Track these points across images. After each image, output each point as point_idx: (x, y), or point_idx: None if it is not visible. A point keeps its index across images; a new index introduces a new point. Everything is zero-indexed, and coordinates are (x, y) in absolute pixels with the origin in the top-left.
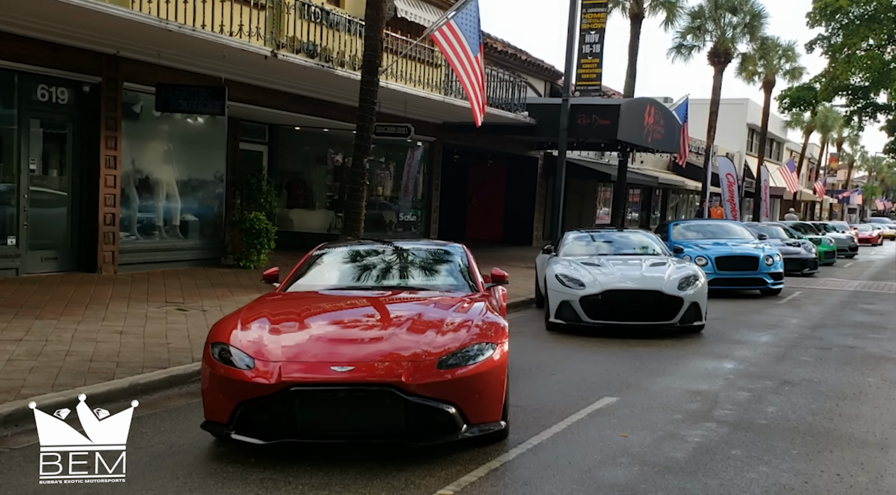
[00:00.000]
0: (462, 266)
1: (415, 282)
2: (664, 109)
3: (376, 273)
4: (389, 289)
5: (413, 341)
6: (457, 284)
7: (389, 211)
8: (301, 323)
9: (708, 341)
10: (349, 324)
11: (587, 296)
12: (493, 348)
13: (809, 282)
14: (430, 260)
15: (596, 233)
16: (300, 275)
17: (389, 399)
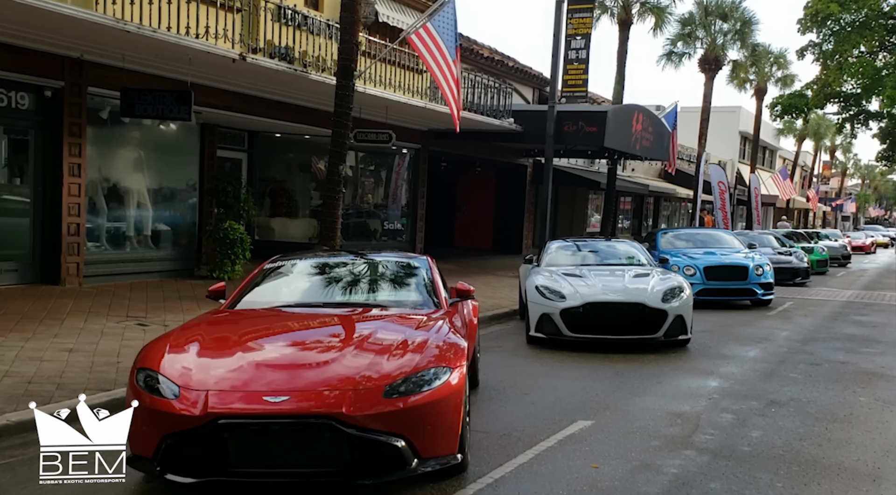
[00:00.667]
0: (426, 280)
1: (371, 298)
2: (652, 116)
3: (330, 288)
4: (342, 306)
5: (359, 366)
6: (418, 300)
7: (375, 219)
8: (237, 346)
9: (693, 356)
10: (290, 348)
11: (568, 309)
12: (450, 372)
13: (801, 291)
14: (391, 273)
15: (579, 243)
16: (248, 290)
17: (329, 433)
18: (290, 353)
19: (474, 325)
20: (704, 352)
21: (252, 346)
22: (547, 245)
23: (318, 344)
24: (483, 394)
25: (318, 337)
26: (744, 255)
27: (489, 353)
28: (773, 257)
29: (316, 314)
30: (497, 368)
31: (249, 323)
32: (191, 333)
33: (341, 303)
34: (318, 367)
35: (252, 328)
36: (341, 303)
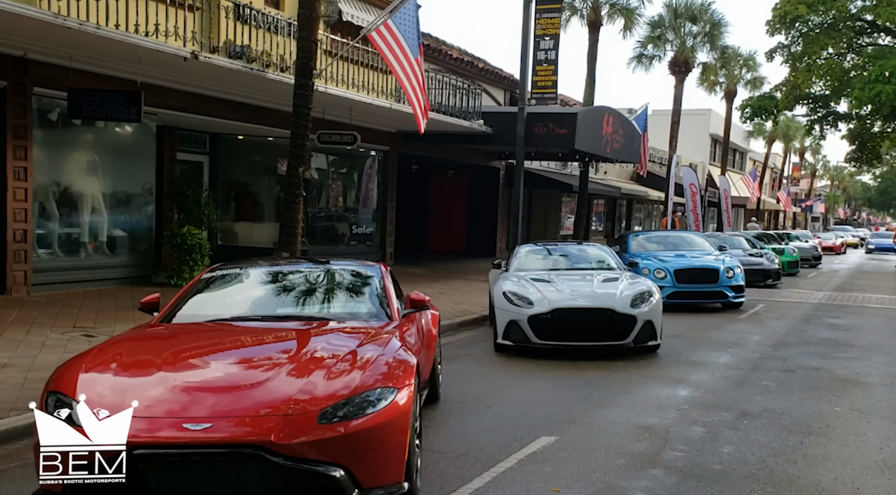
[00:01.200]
0: (378, 290)
1: (316, 310)
2: (623, 118)
3: (271, 300)
4: (283, 319)
5: (294, 388)
6: (368, 312)
7: (344, 223)
8: (160, 366)
9: (663, 363)
10: (219, 368)
11: (536, 316)
12: (395, 393)
13: (772, 293)
14: (340, 283)
15: (549, 247)
16: (182, 303)
17: (257, 463)
18: (218, 374)
19: (434, 336)
20: (675, 358)
21: (176, 366)
22: (516, 249)
23: (250, 363)
24: (444, 409)
25: (250, 355)
26: (714, 258)
27: (455, 362)
28: (743, 259)
29: (253, 328)
30: (461, 379)
31: (178, 339)
32: (110, 352)
33: (282, 316)
34: (248, 390)
35: (180, 345)
36: (282, 317)
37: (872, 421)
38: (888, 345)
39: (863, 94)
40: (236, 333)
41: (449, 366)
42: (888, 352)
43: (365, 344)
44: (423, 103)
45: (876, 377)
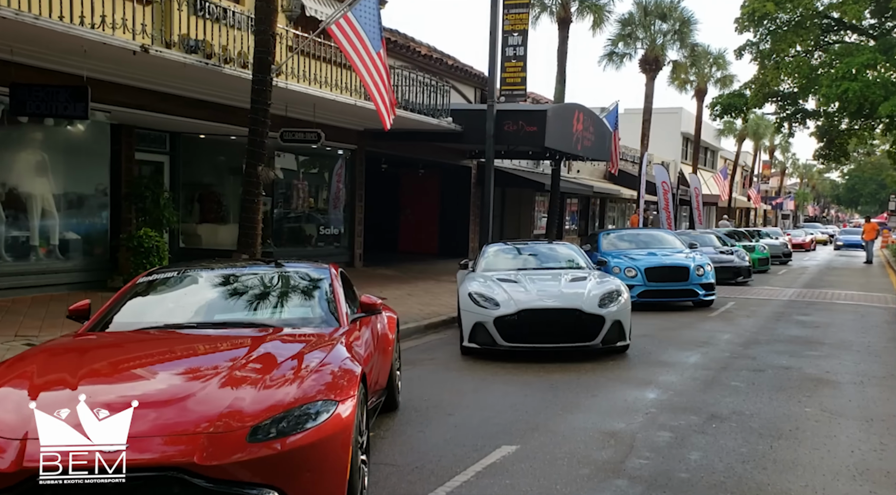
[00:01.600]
0: (327, 293)
1: (257, 315)
2: (593, 116)
3: (210, 306)
4: (222, 326)
5: (222, 403)
6: (314, 317)
7: (311, 224)
8: (75, 380)
9: (632, 364)
10: (142, 382)
11: (502, 317)
12: (336, 406)
13: (743, 291)
14: (286, 286)
15: (517, 246)
16: (114, 310)
17: (179, 487)
18: (139, 390)
19: (390, 341)
20: (644, 358)
21: (93, 381)
22: (483, 249)
23: (177, 375)
24: (402, 418)
25: (178, 367)
26: (685, 256)
27: (419, 367)
28: (714, 256)
29: (186, 337)
30: (424, 384)
31: (100, 350)
32: (21, 366)
33: (221, 322)
34: (171, 406)
35: (101, 358)
36: (220, 323)
37: (843, 422)
38: (857, 342)
39: (830, 91)
40: (167, 343)
41: (412, 370)
42: (857, 350)
43: (307, 352)
44: (389, 98)
45: (846, 375)
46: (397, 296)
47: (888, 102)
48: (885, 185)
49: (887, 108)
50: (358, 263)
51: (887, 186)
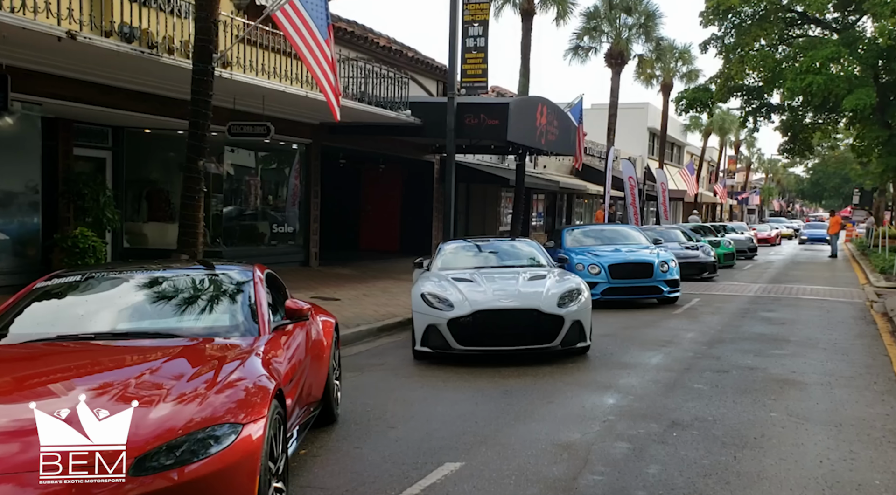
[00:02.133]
0: (249, 298)
1: (165, 324)
2: (557, 109)
3: (114, 313)
4: (123, 336)
5: (102, 430)
6: (229, 326)
7: (264, 222)
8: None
9: (592, 366)
10: (10, 406)
11: (456, 319)
12: (241, 430)
13: (708, 287)
14: (202, 291)
15: (475, 243)
16: (5, 318)
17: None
18: (5, 417)
19: (326, 347)
20: (605, 360)
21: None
22: (439, 247)
23: (54, 397)
24: (339, 432)
25: (59, 387)
26: (649, 252)
27: (367, 373)
28: (679, 252)
29: (77, 350)
30: (370, 393)
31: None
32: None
33: (123, 332)
34: (36, 436)
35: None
36: (122, 333)
37: (810, 428)
38: (823, 339)
39: (794, 84)
40: (49, 358)
41: (359, 377)
42: (824, 347)
43: (214, 366)
44: (335, 88)
45: (813, 375)
46: (352, 297)
47: (852, 96)
48: (849, 179)
49: (851, 102)
50: (314, 262)
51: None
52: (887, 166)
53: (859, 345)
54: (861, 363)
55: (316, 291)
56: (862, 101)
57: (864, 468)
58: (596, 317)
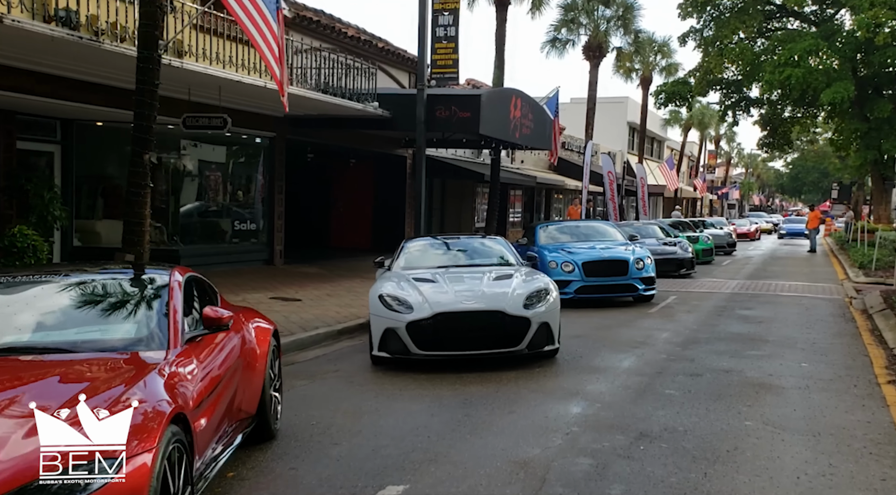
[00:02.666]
0: (162, 306)
1: (60, 337)
2: (532, 102)
3: (11, 324)
4: (6, 351)
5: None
6: (135, 338)
7: (225, 219)
8: None
9: (560, 370)
10: None
11: (416, 322)
12: (124, 464)
13: (685, 284)
14: (109, 299)
15: (441, 241)
16: None
17: None
18: None
19: (260, 356)
20: (573, 363)
21: None
22: (402, 244)
23: None
24: (275, 450)
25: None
26: (624, 248)
27: (319, 381)
28: (657, 248)
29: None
30: (318, 404)
31: None
32: None
33: (4, 348)
34: None
35: None
36: (3, 349)
37: (787, 438)
38: (802, 339)
39: (773, 77)
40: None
41: (309, 386)
42: (802, 347)
43: (98, 388)
44: (282, 76)
45: (790, 378)
46: (315, 297)
47: (830, 89)
48: (828, 173)
49: (829, 95)
50: (279, 261)
51: (829, 174)
52: (865, 160)
53: (839, 345)
54: (840, 364)
55: (277, 291)
56: (840, 95)
57: (845, 484)
58: (568, 316)
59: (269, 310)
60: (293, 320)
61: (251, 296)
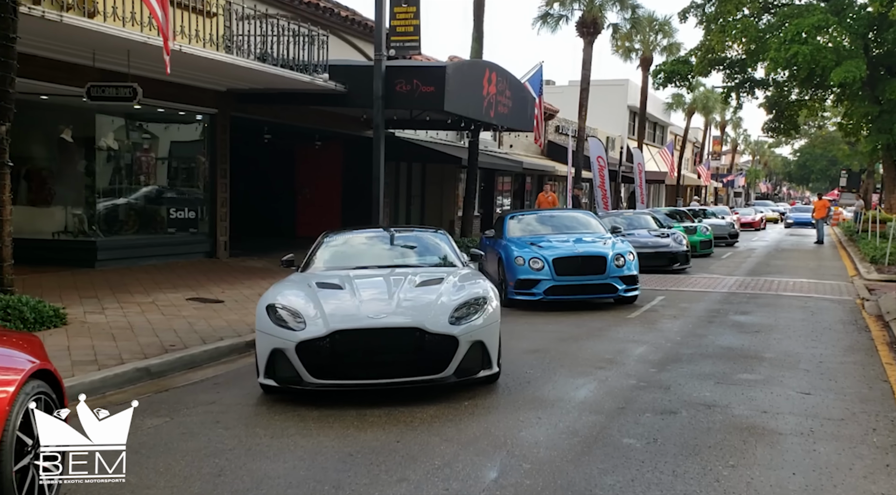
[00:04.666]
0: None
1: None
2: (511, 78)
3: None
4: None
5: None
6: None
7: (158, 206)
8: None
9: (495, 404)
10: None
11: (308, 342)
12: None
13: (678, 280)
14: None
15: (369, 234)
16: None
17: None
18: None
19: None
20: (516, 394)
21: None
22: (320, 239)
23: None
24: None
25: None
26: (603, 242)
27: (178, 419)
28: (648, 240)
29: None
30: (145, 462)
31: None
32: None
33: None
34: None
35: None
36: None
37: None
38: (806, 355)
39: (779, 55)
40: None
41: (160, 428)
42: (806, 368)
43: None
44: (166, 25)
45: (790, 418)
46: (243, 298)
47: (840, 68)
48: (836, 161)
49: (839, 75)
50: (223, 253)
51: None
52: (876, 145)
53: (851, 365)
54: (854, 394)
55: (202, 290)
56: (851, 74)
57: None
58: (533, 322)
59: (177, 315)
60: (198, 329)
61: (166, 296)
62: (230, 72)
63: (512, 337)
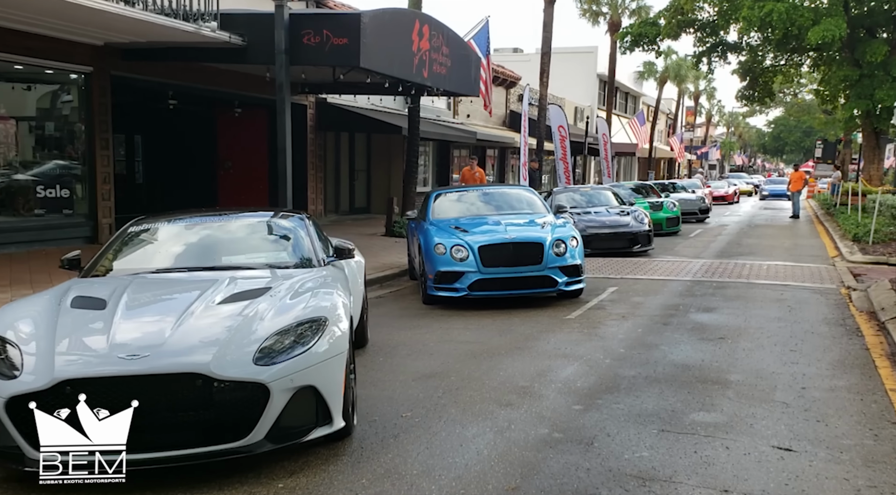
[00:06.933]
0: None
1: None
2: (450, 33)
3: None
4: None
5: None
6: None
7: (22, 183)
8: None
9: (324, 485)
10: None
11: (21, 398)
12: None
13: (636, 266)
14: None
15: (189, 221)
16: None
17: None
18: None
19: None
20: (366, 463)
21: None
22: (123, 229)
23: None
24: None
25: None
26: (542, 226)
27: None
28: (605, 219)
29: None
30: None
31: None
32: None
33: None
34: None
35: None
36: None
37: None
38: (784, 376)
39: (752, 13)
40: None
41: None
42: (784, 401)
43: None
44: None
45: None
46: None
47: (818, 27)
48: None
49: (818, 34)
50: (106, 238)
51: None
52: (854, 112)
53: (843, 394)
54: (854, 450)
55: (37, 287)
56: (830, 33)
57: None
58: (449, 327)
59: None
60: None
61: None
62: (93, 18)
63: (411, 353)
